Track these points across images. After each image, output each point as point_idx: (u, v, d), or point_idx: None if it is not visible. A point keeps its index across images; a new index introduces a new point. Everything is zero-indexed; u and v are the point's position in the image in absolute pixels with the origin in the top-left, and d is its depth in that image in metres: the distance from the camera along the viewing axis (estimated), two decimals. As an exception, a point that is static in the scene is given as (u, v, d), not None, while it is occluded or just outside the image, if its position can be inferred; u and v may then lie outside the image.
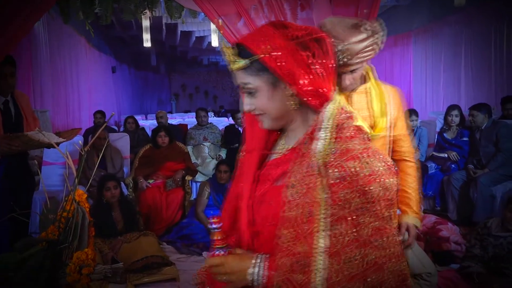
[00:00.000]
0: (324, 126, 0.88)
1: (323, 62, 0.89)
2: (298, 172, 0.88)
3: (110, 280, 2.86)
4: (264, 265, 0.90)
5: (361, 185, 0.82)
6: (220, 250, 0.95)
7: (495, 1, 5.50)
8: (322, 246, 0.81)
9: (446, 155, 4.50)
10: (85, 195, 1.58)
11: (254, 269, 0.90)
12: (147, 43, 7.21)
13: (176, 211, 4.19)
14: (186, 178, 4.43)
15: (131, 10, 4.03)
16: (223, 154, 5.27)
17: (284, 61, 0.87)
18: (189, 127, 5.98)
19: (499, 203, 3.74)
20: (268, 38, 0.88)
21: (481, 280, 2.65)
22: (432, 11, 7.09)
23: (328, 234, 0.81)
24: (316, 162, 0.85)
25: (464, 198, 4.11)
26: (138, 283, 2.93)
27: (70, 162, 1.51)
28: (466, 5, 5.07)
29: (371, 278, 0.81)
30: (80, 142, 3.48)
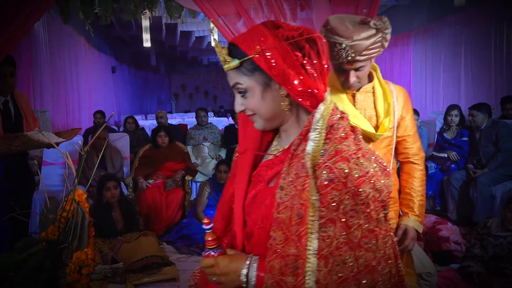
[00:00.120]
0: (315, 127, 0.86)
1: (315, 63, 0.88)
2: (289, 174, 0.87)
3: (110, 280, 2.86)
4: (256, 266, 0.89)
5: (352, 187, 0.81)
6: (211, 251, 0.95)
7: (495, 1, 5.50)
8: (313, 249, 0.80)
9: (446, 155, 4.51)
10: (85, 195, 1.58)
11: (246, 271, 0.89)
12: (147, 43, 7.20)
13: (176, 211, 4.20)
14: (186, 178, 4.43)
15: (131, 10, 4.03)
16: (223, 154, 5.27)
17: (276, 61, 0.86)
18: (189, 127, 5.97)
19: (499, 203, 3.75)
20: (260, 38, 0.88)
21: (481, 280, 2.65)
22: (432, 11, 7.09)
23: (318, 236, 0.80)
24: (307, 164, 0.84)
25: (464, 198, 4.11)
26: (138, 283, 2.93)
27: (70, 162, 1.51)
28: (466, 5, 5.07)
29: (365, 280, 0.80)
30: (80, 142, 3.49)
